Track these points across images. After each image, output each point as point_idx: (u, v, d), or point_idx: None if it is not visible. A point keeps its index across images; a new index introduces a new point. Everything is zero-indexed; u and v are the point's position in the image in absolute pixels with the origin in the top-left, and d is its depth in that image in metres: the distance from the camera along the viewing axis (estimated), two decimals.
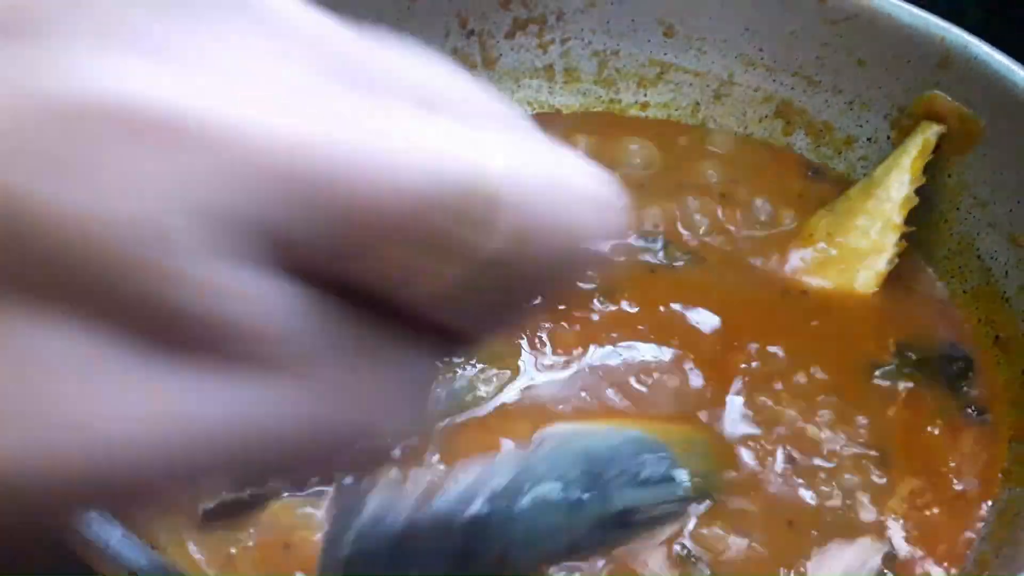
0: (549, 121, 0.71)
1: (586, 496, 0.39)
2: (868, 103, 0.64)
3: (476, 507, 0.36)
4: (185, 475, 0.17)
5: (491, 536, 0.36)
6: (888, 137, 0.64)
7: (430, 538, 0.35)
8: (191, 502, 0.43)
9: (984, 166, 0.58)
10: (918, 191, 0.59)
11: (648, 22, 0.70)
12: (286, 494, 0.42)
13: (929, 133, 0.60)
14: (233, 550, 0.42)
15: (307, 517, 0.42)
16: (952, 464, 0.48)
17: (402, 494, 0.35)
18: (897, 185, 0.59)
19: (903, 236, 0.58)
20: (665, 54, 0.71)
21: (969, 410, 0.52)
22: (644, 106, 0.72)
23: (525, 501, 0.38)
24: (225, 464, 0.17)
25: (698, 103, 0.71)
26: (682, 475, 0.43)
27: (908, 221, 0.59)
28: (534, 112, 0.72)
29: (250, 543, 0.42)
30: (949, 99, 0.59)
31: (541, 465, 0.40)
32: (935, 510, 0.45)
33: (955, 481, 0.47)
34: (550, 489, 0.39)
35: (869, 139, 0.65)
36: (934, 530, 0.45)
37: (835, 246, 0.58)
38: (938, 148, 0.60)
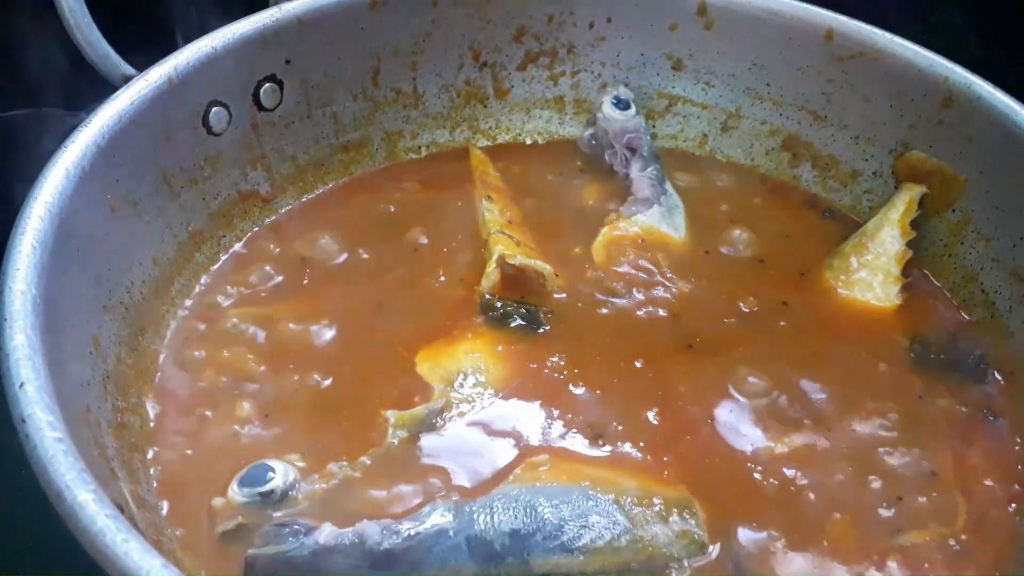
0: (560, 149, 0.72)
1: (508, 558, 0.42)
2: (873, 138, 0.66)
3: (394, 541, 0.41)
4: None
5: (398, 568, 0.41)
6: (893, 172, 0.66)
7: (343, 556, 0.41)
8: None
9: (987, 202, 0.60)
10: (914, 223, 0.61)
11: (657, 56, 0.71)
12: None
13: (913, 193, 0.62)
14: None
15: None
16: (971, 487, 0.49)
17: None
18: (890, 240, 0.61)
19: (903, 287, 0.60)
20: (673, 87, 0.72)
21: (985, 412, 0.53)
22: (652, 137, 0.73)
23: (444, 548, 0.42)
24: None
25: (706, 135, 0.72)
26: (635, 542, 0.43)
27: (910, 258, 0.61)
28: (544, 142, 0.73)
29: None
30: (929, 158, 0.62)
31: (479, 516, 0.43)
32: (962, 537, 0.47)
33: (975, 508, 0.48)
34: (474, 542, 0.42)
35: (874, 173, 0.67)
36: (962, 556, 0.46)
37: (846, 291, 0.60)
38: (922, 204, 0.62)
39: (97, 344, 0.48)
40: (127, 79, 0.54)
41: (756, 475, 0.48)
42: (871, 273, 0.60)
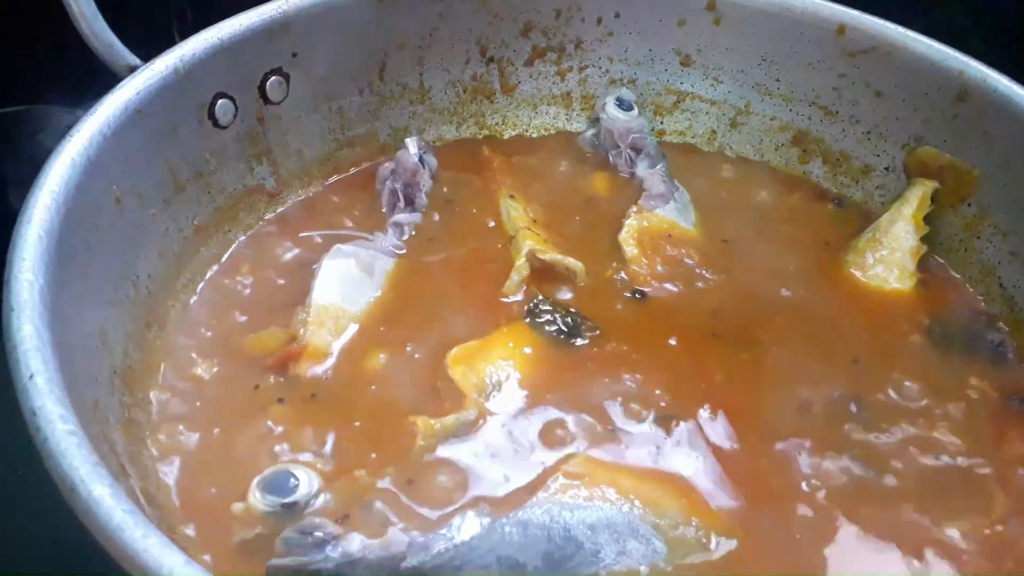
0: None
1: None
2: (885, 134, 0.66)
3: (423, 559, 0.39)
4: None
5: None
6: (904, 167, 0.65)
7: (369, 571, 0.39)
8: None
9: (1005, 196, 0.60)
10: (928, 218, 0.61)
11: (665, 52, 0.71)
12: None
13: (926, 188, 0.62)
14: None
15: None
16: (1007, 476, 0.48)
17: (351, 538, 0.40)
18: (904, 235, 0.61)
19: (920, 281, 0.60)
20: (682, 83, 0.72)
21: (1013, 398, 0.53)
22: (660, 133, 0.72)
23: (475, 566, 0.40)
24: None
25: (714, 131, 0.72)
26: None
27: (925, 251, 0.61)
28: (549, 135, 0.73)
29: None
30: (941, 153, 0.62)
31: (512, 535, 0.41)
32: (998, 528, 0.46)
33: (1012, 499, 0.47)
34: (505, 563, 0.40)
35: (887, 168, 0.66)
36: (1000, 546, 0.45)
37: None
38: (934, 199, 0.62)
39: (104, 338, 0.47)
40: (132, 69, 0.53)
41: (799, 460, 0.48)
42: (887, 269, 0.60)
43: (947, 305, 0.59)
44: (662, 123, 0.73)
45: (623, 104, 0.69)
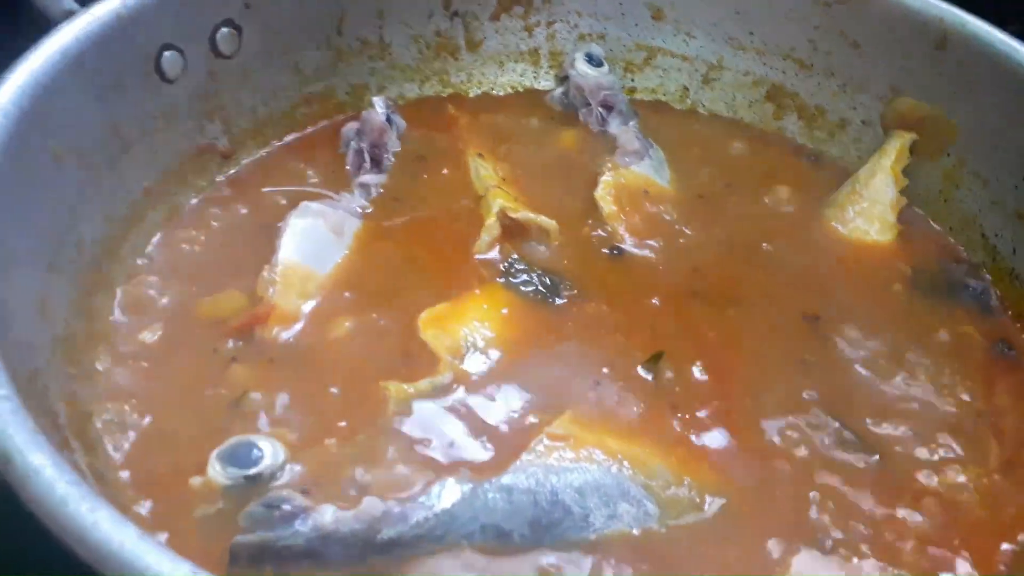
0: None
1: (528, 550, 0.38)
2: (862, 86, 0.64)
3: (401, 529, 0.37)
4: None
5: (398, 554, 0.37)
6: (881, 119, 0.64)
7: (343, 546, 0.37)
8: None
9: (985, 143, 0.58)
10: (906, 170, 0.60)
11: (636, 5, 0.68)
12: None
13: (904, 140, 0.61)
14: None
15: None
16: (1000, 426, 0.48)
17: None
18: (883, 188, 0.60)
19: (900, 233, 0.59)
20: (653, 38, 0.69)
21: (1002, 345, 0.52)
22: (631, 91, 0.70)
23: (458, 535, 0.38)
24: None
25: (687, 88, 0.70)
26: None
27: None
28: (516, 93, 0.70)
29: None
30: (920, 104, 0.61)
31: (496, 501, 0.39)
32: (996, 477, 0.45)
33: (1006, 448, 0.47)
34: (490, 531, 0.38)
35: (863, 122, 0.65)
36: (999, 495, 0.44)
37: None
38: (912, 151, 0.61)
39: (44, 305, 0.43)
40: (70, 15, 0.49)
41: (786, 419, 0.46)
42: (867, 221, 0.59)
43: (929, 255, 0.58)
44: (633, 80, 0.70)
45: (593, 60, 0.67)
